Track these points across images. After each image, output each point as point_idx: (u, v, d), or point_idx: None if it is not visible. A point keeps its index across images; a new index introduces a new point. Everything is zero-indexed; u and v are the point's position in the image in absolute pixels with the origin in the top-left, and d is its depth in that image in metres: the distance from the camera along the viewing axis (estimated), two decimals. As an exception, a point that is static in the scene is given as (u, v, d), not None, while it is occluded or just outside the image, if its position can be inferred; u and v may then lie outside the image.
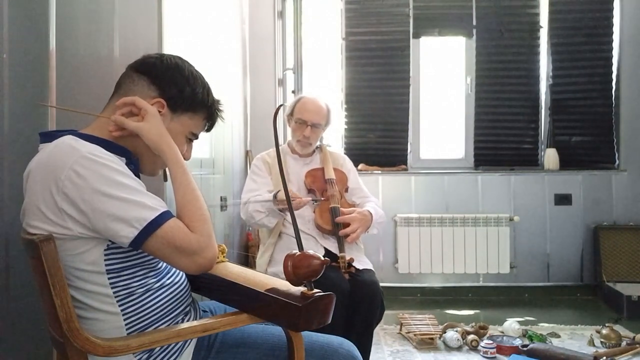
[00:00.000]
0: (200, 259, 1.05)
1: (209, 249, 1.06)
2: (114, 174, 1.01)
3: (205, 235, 1.06)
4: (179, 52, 1.24)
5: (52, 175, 1.00)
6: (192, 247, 1.04)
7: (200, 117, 1.23)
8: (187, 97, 1.19)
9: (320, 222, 2.23)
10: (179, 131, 1.20)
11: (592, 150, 3.87)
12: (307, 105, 2.35)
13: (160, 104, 1.16)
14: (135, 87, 1.16)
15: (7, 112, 1.25)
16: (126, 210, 0.99)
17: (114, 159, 1.05)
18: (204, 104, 1.22)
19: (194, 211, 1.08)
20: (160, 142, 1.13)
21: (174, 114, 1.18)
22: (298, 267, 1.04)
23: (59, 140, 1.05)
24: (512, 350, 2.55)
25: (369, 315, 2.00)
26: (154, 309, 1.11)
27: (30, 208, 1.04)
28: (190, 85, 1.19)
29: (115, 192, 1.00)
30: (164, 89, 1.17)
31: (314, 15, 4.03)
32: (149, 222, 1.00)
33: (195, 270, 1.06)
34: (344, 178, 2.43)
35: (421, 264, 3.68)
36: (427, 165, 3.94)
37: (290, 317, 1.06)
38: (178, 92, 1.18)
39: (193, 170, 1.30)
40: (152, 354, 1.10)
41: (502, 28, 3.87)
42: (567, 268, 3.77)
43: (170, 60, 1.20)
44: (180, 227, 1.04)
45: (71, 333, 0.94)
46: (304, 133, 2.34)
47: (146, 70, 1.17)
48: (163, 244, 1.02)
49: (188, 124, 1.21)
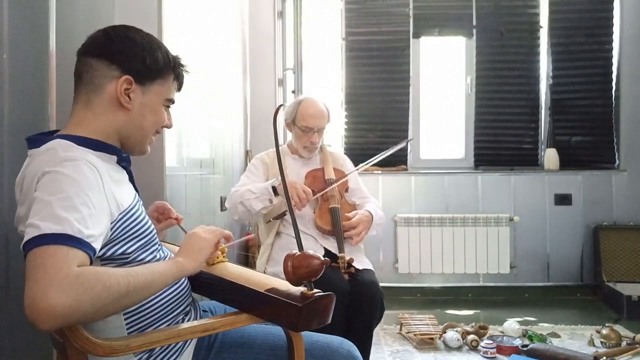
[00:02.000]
0: (38, 304, 0.81)
1: (53, 311, 0.80)
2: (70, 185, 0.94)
3: (72, 300, 0.82)
4: (179, 52, 1.24)
5: (34, 180, 0.98)
6: (49, 282, 0.82)
7: (169, 80, 1.19)
8: (151, 66, 1.14)
9: (320, 222, 2.23)
10: (156, 102, 1.17)
11: (592, 150, 3.87)
12: (309, 111, 2.32)
13: (127, 80, 1.11)
14: (97, 72, 1.11)
15: (7, 112, 1.25)
16: (42, 215, 0.89)
17: (95, 163, 1.02)
18: (168, 67, 1.18)
19: (114, 295, 0.89)
20: (198, 263, 1.13)
21: (144, 87, 1.14)
22: (298, 267, 1.04)
23: (49, 145, 1.03)
24: (512, 350, 2.55)
25: (369, 315, 1.99)
26: (155, 309, 1.11)
27: (21, 215, 1.03)
28: (149, 53, 1.14)
29: (51, 198, 0.91)
30: (125, 65, 1.12)
31: (314, 15, 4.03)
32: (39, 235, 0.86)
33: (27, 310, 0.82)
34: (341, 174, 2.41)
35: (421, 264, 3.68)
36: (427, 165, 3.94)
37: (290, 317, 1.06)
38: (140, 63, 1.13)
39: (193, 170, 1.30)
40: (152, 353, 1.10)
41: (502, 28, 3.87)
42: (567, 268, 3.77)
43: (120, 33, 1.14)
44: (62, 260, 0.84)
45: (71, 333, 0.94)
46: (311, 140, 2.32)
47: (100, 52, 1.12)
48: (30, 264, 0.85)
49: (161, 91, 1.17)
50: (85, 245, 0.89)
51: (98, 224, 0.94)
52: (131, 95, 1.13)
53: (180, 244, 1.17)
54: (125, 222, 1.05)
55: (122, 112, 1.13)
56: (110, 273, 0.90)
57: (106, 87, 1.11)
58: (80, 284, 0.83)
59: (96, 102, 1.12)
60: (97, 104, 1.12)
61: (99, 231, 0.94)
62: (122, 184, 1.11)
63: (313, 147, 2.37)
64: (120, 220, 1.04)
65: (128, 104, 1.12)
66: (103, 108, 1.12)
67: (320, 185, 2.32)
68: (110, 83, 1.11)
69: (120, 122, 1.13)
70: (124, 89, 1.11)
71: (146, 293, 0.98)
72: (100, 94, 1.11)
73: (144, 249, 1.10)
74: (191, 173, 2.47)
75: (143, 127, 1.17)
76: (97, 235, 0.93)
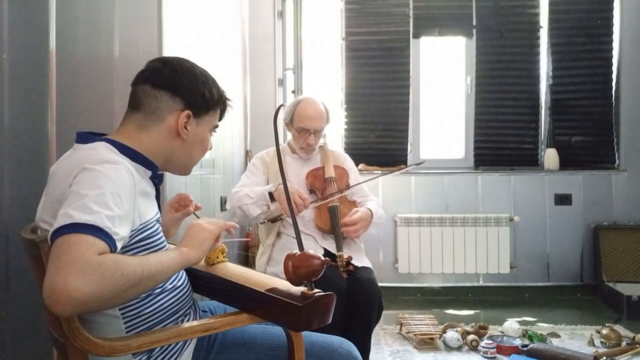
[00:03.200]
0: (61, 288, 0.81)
1: (73, 297, 0.81)
2: (107, 184, 0.97)
3: (92, 287, 0.83)
4: (178, 52, 1.24)
5: (72, 173, 1.00)
6: (72, 268, 0.83)
7: (217, 111, 1.26)
8: (208, 100, 1.21)
9: (319, 222, 2.23)
10: (206, 130, 1.24)
11: (592, 150, 3.87)
12: (306, 112, 2.30)
13: (188, 115, 1.17)
14: (160, 104, 1.16)
15: (7, 112, 1.25)
16: (76, 206, 0.91)
17: (133, 172, 1.06)
18: (220, 100, 1.25)
19: (131, 282, 0.91)
20: (202, 253, 1.15)
21: (199, 119, 1.21)
22: (298, 267, 1.04)
23: (93, 145, 1.08)
24: (512, 350, 2.55)
25: (367, 314, 1.98)
26: (155, 313, 1.11)
27: (47, 204, 1.06)
28: (207, 88, 1.21)
29: (87, 192, 0.94)
30: (187, 99, 1.18)
31: (314, 15, 4.03)
32: (71, 223, 0.88)
33: (47, 294, 0.83)
34: (345, 175, 2.41)
35: (421, 264, 3.67)
36: (427, 165, 3.93)
37: (290, 317, 1.06)
38: (200, 98, 1.19)
39: (193, 170, 1.31)
40: (152, 354, 1.10)
41: (502, 28, 3.87)
42: (567, 268, 3.77)
43: (182, 66, 1.20)
44: (86, 248, 0.86)
45: (71, 332, 0.94)
46: (307, 141, 2.31)
47: (164, 84, 1.17)
48: (55, 250, 0.86)
49: (210, 121, 1.24)
50: (111, 240, 0.91)
51: (124, 226, 0.97)
52: (188, 127, 1.18)
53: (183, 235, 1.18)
54: (143, 234, 1.07)
55: (177, 141, 1.19)
56: (127, 261, 0.92)
57: (167, 118, 1.17)
58: (101, 272, 0.85)
59: (153, 128, 1.16)
60: (154, 130, 1.16)
61: (123, 233, 0.97)
62: (149, 198, 1.15)
63: (310, 149, 2.36)
64: (138, 231, 1.06)
65: (185, 135, 1.18)
66: (158, 135, 1.17)
67: (321, 184, 2.32)
68: (172, 115, 1.17)
69: (173, 150, 1.19)
70: (184, 123, 1.17)
71: (155, 281, 1.00)
72: (160, 123, 1.16)
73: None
74: (191, 173, 2.46)
75: (192, 154, 1.24)
76: (121, 236, 0.96)
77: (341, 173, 2.40)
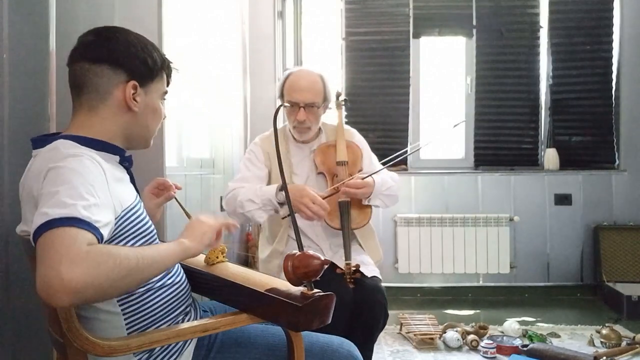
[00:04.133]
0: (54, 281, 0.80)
1: (68, 286, 0.80)
2: (75, 177, 0.95)
3: (85, 275, 0.82)
4: (178, 52, 1.24)
5: (40, 177, 0.98)
6: (61, 260, 0.81)
7: (163, 76, 1.21)
8: (151, 67, 1.15)
9: (329, 218, 1.97)
10: (156, 99, 1.19)
11: (592, 150, 3.87)
12: (297, 83, 2.02)
13: (134, 85, 1.12)
14: (102, 79, 1.10)
15: (7, 112, 1.25)
16: (50, 204, 0.89)
17: (99, 160, 1.03)
18: (163, 65, 1.20)
19: (126, 269, 0.89)
20: (201, 245, 1.13)
21: (146, 88, 1.15)
22: (298, 267, 1.04)
23: (52, 146, 1.04)
24: (512, 350, 2.55)
25: (371, 324, 1.86)
26: (155, 309, 1.11)
27: (26, 215, 1.03)
28: (147, 54, 1.14)
29: (57, 188, 0.92)
30: (130, 69, 1.12)
31: (314, 15, 4.03)
32: (48, 220, 0.86)
33: (41, 290, 0.82)
34: (358, 157, 2.11)
35: (421, 264, 3.67)
36: (427, 165, 3.94)
37: (290, 317, 1.06)
38: (142, 65, 1.13)
39: (193, 171, 1.31)
40: (152, 354, 1.10)
41: (502, 28, 3.86)
42: (567, 268, 3.76)
43: (117, 35, 1.13)
44: (71, 240, 0.84)
45: (71, 333, 0.94)
46: (297, 117, 2.01)
47: (102, 57, 1.10)
48: (40, 248, 0.85)
49: (158, 88, 1.19)
50: (93, 228, 0.89)
51: (104, 213, 0.94)
52: (137, 99, 1.13)
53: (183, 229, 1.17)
54: (127, 220, 1.05)
55: (129, 114, 1.14)
56: (120, 250, 0.92)
57: (113, 93, 1.11)
58: (92, 259, 0.84)
59: (102, 108, 1.12)
60: (104, 109, 1.12)
61: (105, 219, 0.94)
62: (124, 184, 1.12)
63: (302, 128, 2.05)
64: (122, 219, 1.04)
65: (136, 107, 1.13)
66: (110, 113, 1.12)
67: (331, 168, 2.05)
68: (117, 89, 1.11)
69: (128, 124, 1.15)
70: (132, 94, 1.12)
71: (152, 271, 0.98)
72: (107, 100, 1.11)
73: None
74: (191, 173, 2.47)
75: (148, 126, 1.19)
76: (104, 222, 0.93)
77: (354, 155, 2.09)
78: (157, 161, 1.89)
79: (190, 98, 2.54)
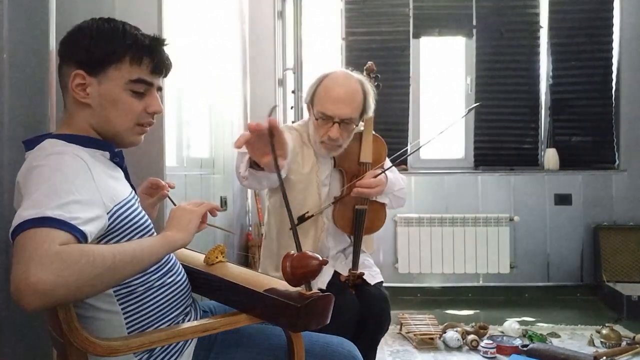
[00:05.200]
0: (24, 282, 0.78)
1: (35, 289, 0.78)
2: (53, 175, 0.93)
3: (54, 276, 0.79)
4: (178, 52, 1.24)
5: (26, 177, 0.98)
6: (29, 261, 0.80)
7: (125, 62, 1.07)
8: (97, 53, 1.06)
9: (341, 223, 1.82)
10: (115, 88, 1.07)
11: (592, 150, 3.87)
12: (334, 92, 1.71)
13: (79, 75, 1.06)
14: (61, 71, 1.09)
15: (7, 112, 1.25)
16: (25, 205, 0.88)
17: (83, 156, 1.01)
18: (121, 47, 1.07)
19: (102, 267, 0.86)
20: (188, 234, 1.09)
21: (98, 77, 1.06)
22: (296, 267, 1.04)
23: (40, 146, 1.04)
24: (512, 350, 2.55)
25: (374, 332, 1.81)
26: (155, 308, 1.11)
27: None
28: (95, 40, 1.06)
29: (35, 188, 0.91)
30: (75, 58, 1.06)
31: (314, 15, 4.03)
32: (20, 222, 0.85)
33: (12, 290, 0.80)
34: (383, 156, 1.92)
35: (421, 264, 3.68)
36: (427, 165, 3.94)
37: (288, 318, 1.06)
38: (85, 53, 1.06)
39: (193, 171, 1.30)
40: (153, 354, 1.10)
41: (502, 28, 3.87)
42: (567, 268, 3.77)
43: (75, 27, 1.10)
44: (41, 240, 0.82)
45: (71, 333, 0.94)
46: (329, 134, 1.72)
47: (60, 51, 1.09)
48: (14, 250, 0.84)
49: (117, 76, 1.07)
50: (67, 226, 0.86)
51: (85, 209, 0.91)
52: (88, 90, 1.07)
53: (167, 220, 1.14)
54: (121, 215, 1.04)
55: (85, 108, 1.08)
56: (94, 248, 0.88)
57: (68, 85, 1.07)
58: (62, 260, 0.81)
59: (68, 104, 1.10)
60: (70, 105, 1.10)
61: (86, 215, 0.91)
62: (117, 180, 1.11)
63: (332, 146, 1.76)
64: (115, 213, 1.03)
65: (85, 99, 1.07)
66: (72, 107, 1.10)
67: (353, 168, 1.84)
68: (69, 81, 1.07)
69: (88, 118, 1.09)
70: (77, 85, 1.06)
71: (135, 268, 0.95)
72: (68, 95, 1.09)
73: None
74: (191, 173, 2.47)
75: (109, 119, 1.09)
76: (85, 218, 0.90)
77: (379, 156, 1.88)
78: (157, 161, 1.89)
79: (190, 98, 2.54)
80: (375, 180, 1.77)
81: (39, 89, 1.37)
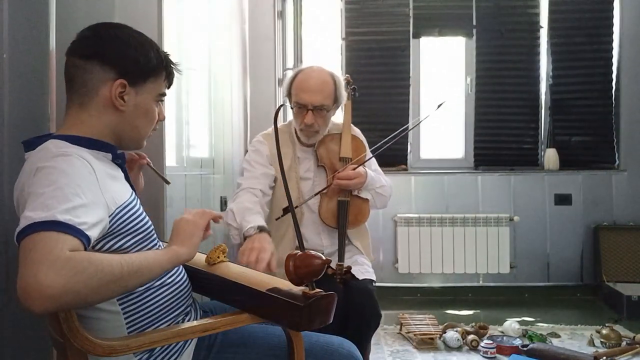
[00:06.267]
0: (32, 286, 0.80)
1: (45, 292, 0.79)
2: (61, 177, 0.94)
3: (64, 281, 0.81)
4: (178, 52, 1.24)
5: (30, 177, 0.97)
6: (40, 264, 0.81)
7: (161, 78, 1.17)
8: (144, 67, 1.12)
9: (325, 215, 1.96)
10: (149, 100, 1.15)
11: (592, 150, 3.87)
12: (306, 83, 1.92)
13: (122, 84, 1.09)
14: (90, 75, 1.09)
15: (7, 112, 1.25)
16: (33, 206, 0.89)
17: (88, 159, 1.02)
18: (161, 65, 1.16)
19: (109, 277, 0.88)
20: (192, 247, 1.11)
21: (137, 88, 1.12)
22: (299, 266, 1.04)
23: (42, 146, 1.04)
24: (512, 350, 2.55)
25: (361, 325, 1.81)
26: (155, 308, 1.11)
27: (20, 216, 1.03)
28: (142, 53, 1.12)
29: (42, 190, 0.91)
30: (119, 67, 1.10)
31: (314, 15, 4.03)
32: (30, 224, 0.86)
33: (20, 293, 0.82)
34: (362, 151, 2.07)
35: (421, 264, 3.68)
36: (427, 165, 3.94)
37: (291, 317, 1.06)
38: (133, 65, 1.11)
39: (193, 170, 1.30)
40: (153, 354, 1.10)
41: (502, 28, 3.87)
42: (567, 268, 3.77)
43: (110, 32, 1.12)
44: (52, 244, 0.83)
45: (71, 333, 0.94)
46: (304, 120, 1.93)
47: (91, 53, 1.09)
48: (21, 252, 0.85)
49: (152, 89, 1.16)
50: (76, 231, 0.87)
51: (91, 213, 0.93)
52: (125, 98, 1.11)
53: (171, 233, 1.15)
54: (123, 217, 1.05)
55: (116, 113, 1.12)
56: (103, 257, 0.89)
57: (100, 89, 1.09)
58: (72, 266, 0.82)
59: (91, 104, 1.10)
60: (91, 107, 1.11)
61: (92, 220, 0.92)
62: (118, 181, 1.12)
63: (309, 132, 1.97)
64: (117, 215, 1.03)
65: (123, 106, 1.11)
66: (97, 110, 1.11)
67: (333, 163, 2.01)
68: (105, 86, 1.09)
69: (115, 123, 1.12)
70: (119, 93, 1.10)
71: (141, 279, 0.96)
72: (94, 96, 1.10)
73: (141, 244, 1.10)
74: (191, 173, 2.46)
75: (137, 127, 1.16)
76: (91, 223, 0.91)
77: (358, 152, 2.04)
78: (157, 161, 1.88)
79: (190, 98, 2.54)
80: (354, 172, 1.94)
81: (39, 89, 1.37)
